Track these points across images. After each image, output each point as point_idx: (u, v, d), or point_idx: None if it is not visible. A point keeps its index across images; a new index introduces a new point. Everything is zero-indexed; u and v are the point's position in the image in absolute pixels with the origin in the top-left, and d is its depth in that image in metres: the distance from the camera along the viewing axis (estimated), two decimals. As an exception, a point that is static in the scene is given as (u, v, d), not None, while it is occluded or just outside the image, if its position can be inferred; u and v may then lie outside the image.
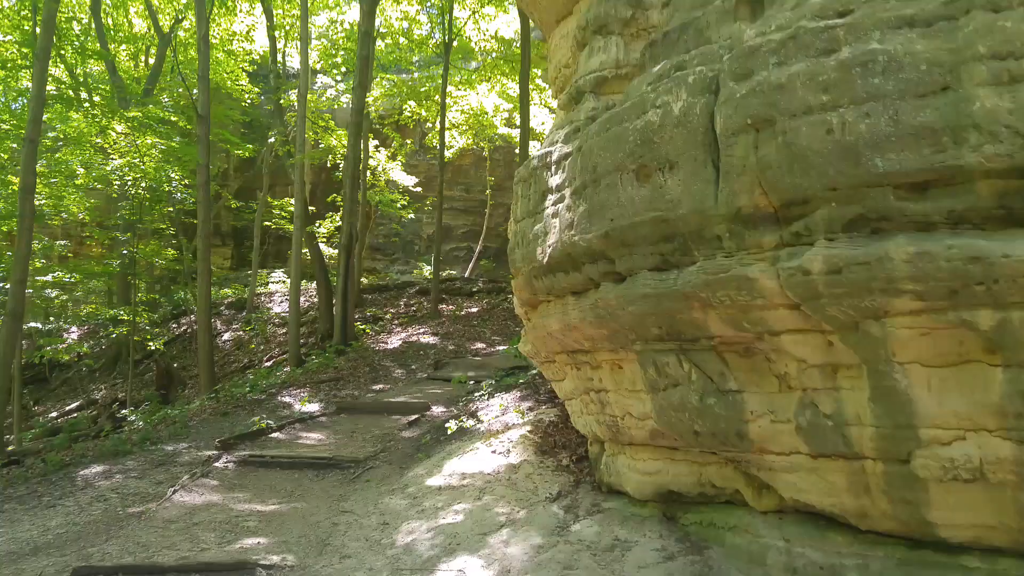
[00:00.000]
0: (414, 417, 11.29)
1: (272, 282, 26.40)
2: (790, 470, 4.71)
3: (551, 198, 5.90)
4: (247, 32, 24.54)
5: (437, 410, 11.56)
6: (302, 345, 18.94)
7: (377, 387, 14.54)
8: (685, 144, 4.51)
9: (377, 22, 21.53)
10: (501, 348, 17.08)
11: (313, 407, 12.72)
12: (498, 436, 8.49)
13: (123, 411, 15.79)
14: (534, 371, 13.87)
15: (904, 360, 3.91)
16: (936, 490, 3.97)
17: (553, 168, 5.96)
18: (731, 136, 4.27)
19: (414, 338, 18.65)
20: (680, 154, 4.53)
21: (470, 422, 9.13)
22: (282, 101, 21.94)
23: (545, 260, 5.80)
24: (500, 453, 7.95)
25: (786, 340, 4.40)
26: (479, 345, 17.69)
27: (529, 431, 8.40)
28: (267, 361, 19.71)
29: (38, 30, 15.12)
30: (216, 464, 9.29)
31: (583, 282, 5.60)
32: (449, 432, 9.04)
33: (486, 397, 11.03)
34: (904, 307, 3.77)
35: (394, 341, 18.63)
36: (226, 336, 21.89)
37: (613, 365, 5.96)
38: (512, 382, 11.62)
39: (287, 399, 13.83)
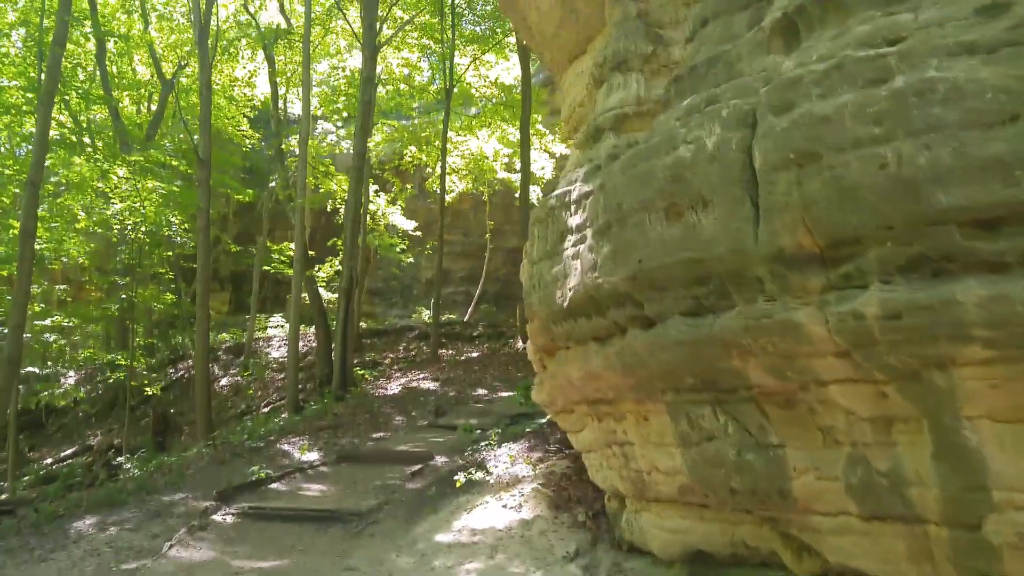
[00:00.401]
0: (417, 467, 10.81)
1: (270, 326, 25.99)
2: (838, 532, 4.29)
3: (571, 239, 5.56)
4: (248, 78, 24.47)
5: (441, 460, 11.08)
6: (300, 390, 18.48)
7: (377, 435, 14.06)
8: (721, 181, 4.17)
9: (378, 68, 21.48)
10: (504, 394, 16.64)
11: (313, 455, 12.23)
12: (509, 489, 8.04)
13: (119, 458, 15.25)
14: (541, 419, 13.43)
15: (973, 414, 3.53)
16: (1012, 558, 3.56)
17: (573, 208, 5.63)
18: (772, 172, 3.94)
19: (414, 384, 18.20)
20: (715, 191, 4.20)
21: (479, 474, 8.67)
22: (283, 146, 21.77)
23: (565, 304, 5.44)
24: (512, 508, 7.50)
25: (834, 390, 4.02)
26: (480, 391, 17.23)
27: (541, 484, 7.96)
28: (265, 407, 19.22)
29: (43, 76, 14.96)
30: (214, 516, 8.80)
31: (607, 327, 5.23)
32: (457, 485, 8.57)
33: (493, 446, 10.57)
34: (974, 356, 3.40)
35: (393, 387, 18.18)
36: (224, 381, 21.40)
37: (639, 416, 5.57)
38: (519, 431, 11.18)
39: (286, 447, 13.34)
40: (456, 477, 8.65)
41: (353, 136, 19.39)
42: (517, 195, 25.76)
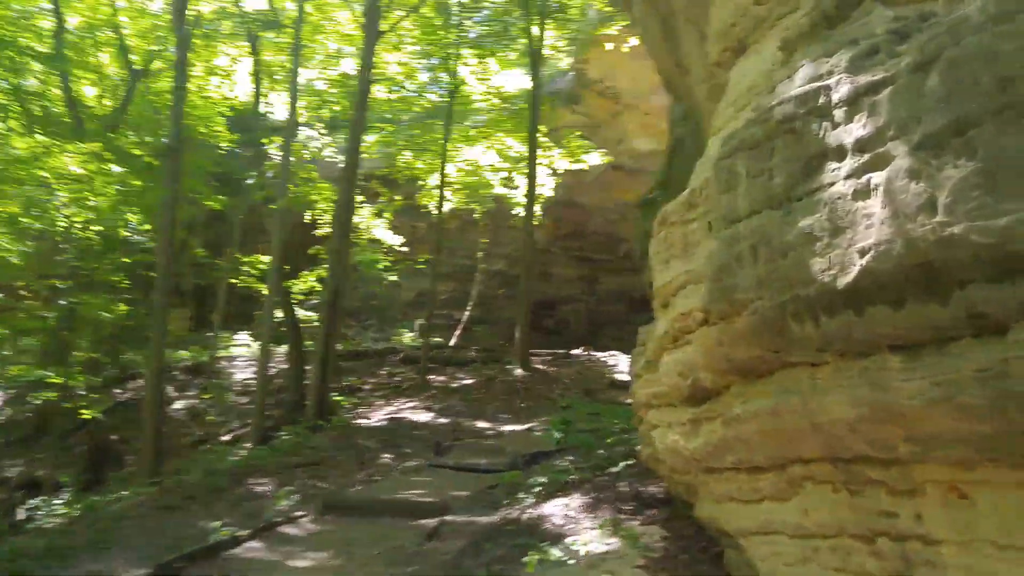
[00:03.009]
0: (431, 523, 8.03)
1: (236, 345, 22.86)
2: None
3: (845, 165, 2.92)
4: (229, 66, 21.44)
5: (462, 515, 8.30)
6: (268, 417, 15.50)
7: (366, 476, 11.21)
8: None
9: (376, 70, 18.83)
10: (510, 428, 13.91)
11: (290, 503, 9.35)
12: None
13: (34, 500, 12.05)
14: (570, 457, 10.74)
15: None
16: None
17: (842, 112, 3.00)
18: None
19: (402, 414, 15.35)
20: None
21: (555, 551, 5.82)
22: (263, 142, 18.98)
23: (848, 279, 2.78)
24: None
25: None
26: (482, 424, 14.46)
27: (650, 568, 5.24)
28: (225, 435, 16.19)
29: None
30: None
31: (946, 323, 2.59)
32: (529, 569, 5.63)
33: (538, 499, 7.82)
34: None
35: (378, 417, 15.32)
36: (179, 404, 18.25)
37: (951, 491, 2.92)
38: (563, 478, 8.41)
39: (255, 489, 10.43)
40: (525, 557, 5.76)
41: (349, 128, 16.65)
42: (513, 213, 23.28)
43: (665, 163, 10.74)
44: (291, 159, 16.89)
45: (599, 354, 20.43)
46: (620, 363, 19.76)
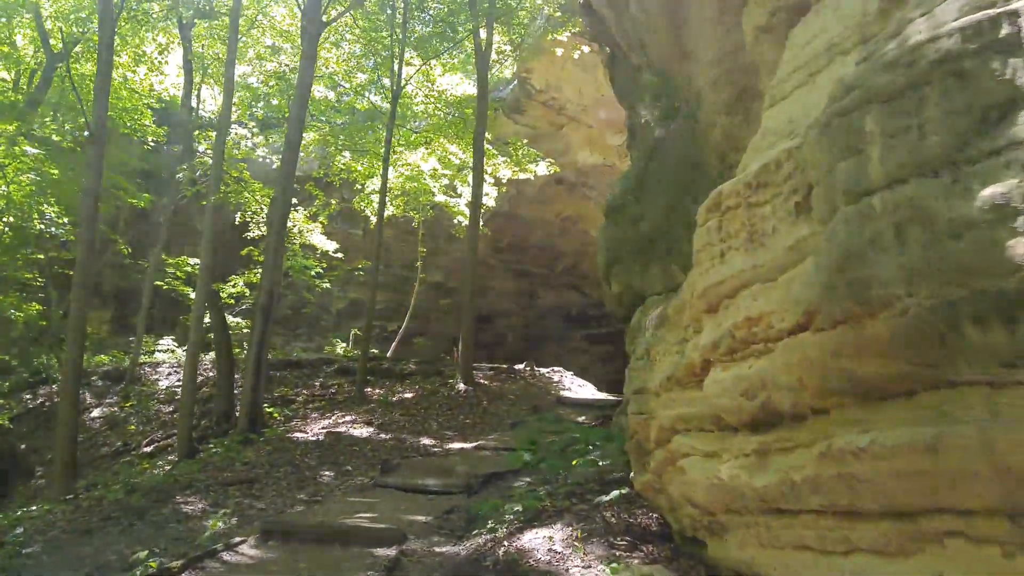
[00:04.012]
0: (388, 554, 7.05)
1: (160, 350, 21.22)
2: None
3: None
4: (160, 53, 19.89)
5: (421, 544, 7.35)
6: (194, 427, 14.17)
7: (305, 495, 10.11)
8: None
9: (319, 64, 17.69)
10: (457, 446, 12.96)
11: (225, 526, 8.22)
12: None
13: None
14: (526, 478, 9.92)
15: None
16: None
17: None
18: None
19: (341, 428, 14.22)
20: None
21: None
22: (195, 135, 17.64)
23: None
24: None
25: None
26: (426, 440, 13.46)
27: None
28: (147, 446, 14.76)
29: None
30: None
31: None
32: None
33: (511, 530, 6.93)
34: None
35: (315, 430, 14.15)
36: (96, 412, 16.64)
37: None
38: (535, 505, 7.54)
39: (184, 508, 9.23)
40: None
41: (288, 123, 15.50)
42: (454, 222, 22.40)
43: (639, 166, 10.06)
44: (223, 157, 15.65)
45: (542, 370, 19.65)
46: (565, 379, 19.04)
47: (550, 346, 26.99)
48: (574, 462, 9.43)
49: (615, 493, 6.73)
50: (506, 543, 6.59)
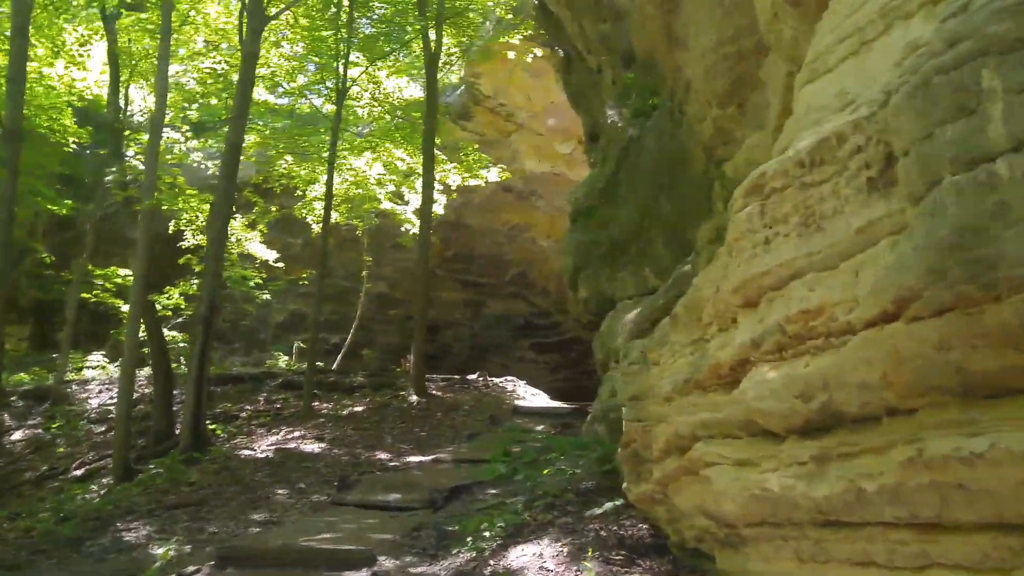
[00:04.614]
0: (360, 578, 6.56)
1: (89, 367, 20.03)
2: None
3: None
4: (82, 43, 18.70)
5: (393, 564, 6.85)
6: (131, 447, 13.29)
7: (259, 516, 9.47)
8: None
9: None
10: (416, 459, 12.45)
11: (176, 554, 7.55)
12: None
13: None
14: (492, 490, 9.51)
15: None
16: None
17: None
18: None
19: (290, 444, 13.55)
20: None
21: None
22: (124, 134, 16.74)
23: None
24: None
25: None
26: (382, 455, 12.90)
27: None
28: (78, 469, 13.77)
29: None
30: None
31: None
32: None
33: (492, 546, 6.49)
34: None
35: (263, 447, 13.46)
36: (18, 435, 15.51)
37: None
38: (514, 520, 7.11)
39: (125, 536, 8.52)
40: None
41: (229, 123, 14.77)
42: (402, 230, 21.80)
43: (609, 168, 9.80)
44: (157, 160, 14.81)
45: (496, 379, 19.24)
46: (519, 389, 18.66)
47: (497, 356, 26.56)
48: (544, 471, 9.07)
49: (608, 505, 6.36)
50: (492, 562, 6.16)
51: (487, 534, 6.80)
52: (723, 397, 3.99)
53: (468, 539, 6.86)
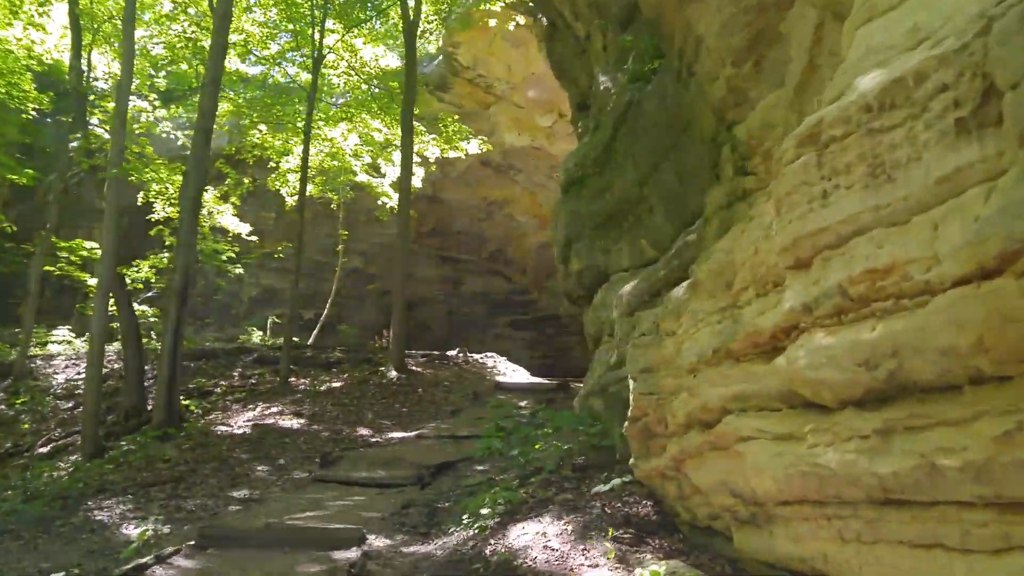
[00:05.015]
0: (348, 557, 6.20)
1: (54, 341, 19.37)
2: None
3: None
4: (40, 9, 17.82)
5: (384, 544, 6.54)
6: (100, 423, 12.79)
7: (240, 494, 9.10)
8: None
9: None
10: (398, 435, 12.15)
11: (153, 534, 7.16)
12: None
13: None
14: (480, 467, 9.25)
15: None
16: None
17: None
18: None
19: (268, 420, 13.14)
20: None
21: None
22: (89, 98, 16.04)
23: None
24: None
25: None
26: (363, 431, 12.56)
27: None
28: (44, 446, 13.26)
29: None
30: None
31: None
32: None
33: (496, 520, 6.20)
34: None
35: (239, 423, 13.03)
36: (-20, 412, 14.94)
37: None
38: (512, 497, 6.81)
39: (98, 515, 8.10)
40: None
41: (202, 88, 14.14)
42: (378, 204, 21.29)
43: (605, 134, 9.42)
44: (125, 125, 14.15)
45: (476, 356, 18.91)
46: (499, 365, 18.36)
47: (475, 332, 26.27)
48: (536, 446, 8.79)
49: (616, 481, 6.07)
50: (492, 541, 5.85)
51: (484, 511, 6.49)
52: (762, 367, 3.70)
53: (464, 517, 6.55)
